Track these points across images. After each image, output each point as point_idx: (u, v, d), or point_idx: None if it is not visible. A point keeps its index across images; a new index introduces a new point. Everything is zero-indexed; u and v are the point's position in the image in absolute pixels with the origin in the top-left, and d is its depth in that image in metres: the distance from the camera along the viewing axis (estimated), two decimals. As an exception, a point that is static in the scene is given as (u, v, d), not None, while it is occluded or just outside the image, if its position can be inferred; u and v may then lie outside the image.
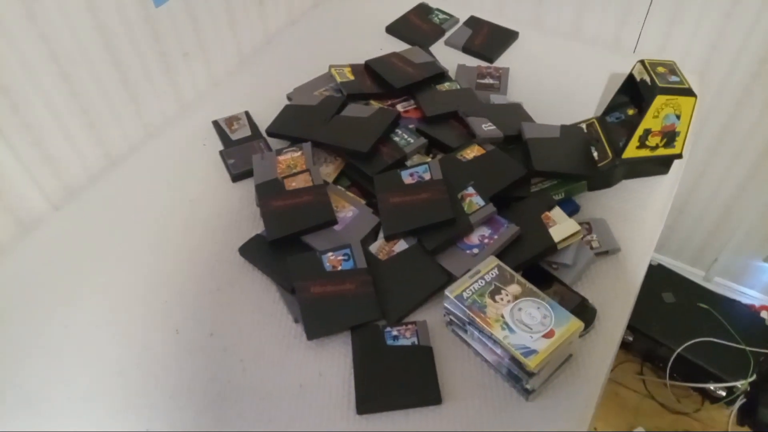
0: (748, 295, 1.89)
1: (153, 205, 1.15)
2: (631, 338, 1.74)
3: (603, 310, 0.96)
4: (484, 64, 1.45)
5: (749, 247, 1.79)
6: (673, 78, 1.05)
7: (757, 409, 1.58)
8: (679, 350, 1.63)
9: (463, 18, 1.59)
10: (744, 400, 1.63)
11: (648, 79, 1.05)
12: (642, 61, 1.09)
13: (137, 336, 0.95)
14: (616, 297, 0.98)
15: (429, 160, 1.15)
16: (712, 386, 1.60)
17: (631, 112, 1.17)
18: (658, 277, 1.82)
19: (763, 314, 1.77)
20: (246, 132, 1.27)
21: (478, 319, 0.86)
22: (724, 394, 1.59)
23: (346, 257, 0.99)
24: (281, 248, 1.03)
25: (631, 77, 1.12)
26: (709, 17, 1.41)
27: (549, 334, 0.83)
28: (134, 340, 0.95)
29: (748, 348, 1.62)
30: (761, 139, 1.56)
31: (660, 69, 1.06)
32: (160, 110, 1.32)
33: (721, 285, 1.91)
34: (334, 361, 0.92)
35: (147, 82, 1.26)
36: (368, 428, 0.84)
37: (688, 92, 1.03)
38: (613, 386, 1.78)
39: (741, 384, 1.54)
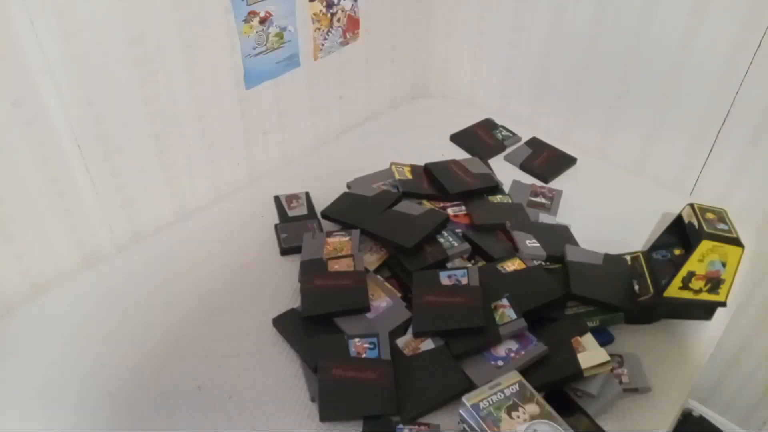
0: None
1: (205, 262, 1.23)
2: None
3: (624, 450, 0.92)
4: (539, 183, 1.50)
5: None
6: (722, 226, 1.06)
7: None
8: None
9: (525, 138, 1.67)
10: None
11: (696, 223, 1.06)
12: (692, 205, 1.11)
13: (158, 385, 0.99)
14: (640, 438, 0.95)
15: (469, 265, 1.18)
16: None
17: (677, 252, 1.17)
18: (698, 430, 1.70)
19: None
20: (303, 211, 1.36)
21: (490, 433, 0.85)
22: None
23: (371, 346, 1.01)
24: (313, 326, 1.07)
25: (679, 218, 1.14)
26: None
27: (560, 463, 0.81)
28: (155, 389, 0.99)
29: None
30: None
31: (709, 215, 1.08)
32: (233, 178, 1.44)
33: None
34: (341, 448, 0.92)
35: (227, 152, 1.39)
36: None
37: (736, 242, 1.03)
38: None
39: None
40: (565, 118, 1.67)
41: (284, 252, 1.26)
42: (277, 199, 1.39)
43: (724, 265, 1.05)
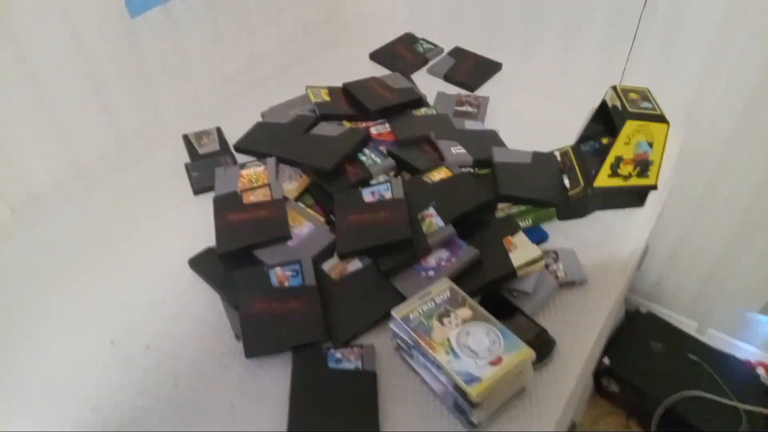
0: (745, 350, 1.79)
1: (113, 213, 1.13)
2: (617, 389, 1.64)
3: (564, 343, 0.89)
4: (464, 92, 1.43)
5: (744, 297, 1.71)
6: (646, 104, 1.01)
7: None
8: (665, 403, 1.53)
9: (448, 48, 1.58)
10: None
11: (619, 105, 1.02)
12: (614, 87, 1.06)
13: (69, 344, 0.91)
14: (578, 330, 0.92)
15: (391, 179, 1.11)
16: (698, 442, 1.49)
17: (605, 140, 1.13)
18: (647, 325, 1.73)
19: (759, 371, 1.66)
20: (215, 147, 1.25)
21: (422, 342, 0.80)
22: (712, 452, 1.48)
23: (294, 273, 0.94)
24: (232, 262, 0.99)
25: (604, 104, 1.09)
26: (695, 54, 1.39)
27: (496, 362, 0.77)
28: (65, 349, 0.90)
29: (740, 405, 1.51)
30: (754, 183, 1.50)
31: (632, 95, 1.03)
32: (135, 122, 1.31)
33: (715, 338, 1.82)
34: (272, 383, 0.86)
35: (123, 94, 1.25)
36: (296, 455, 0.77)
37: (660, 119, 0.99)
38: (597, 439, 1.68)
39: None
40: (485, 25, 1.59)
41: (197, 191, 1.16)
42: (185, 137, 1.28)
43: (650, 145, 1.01)
